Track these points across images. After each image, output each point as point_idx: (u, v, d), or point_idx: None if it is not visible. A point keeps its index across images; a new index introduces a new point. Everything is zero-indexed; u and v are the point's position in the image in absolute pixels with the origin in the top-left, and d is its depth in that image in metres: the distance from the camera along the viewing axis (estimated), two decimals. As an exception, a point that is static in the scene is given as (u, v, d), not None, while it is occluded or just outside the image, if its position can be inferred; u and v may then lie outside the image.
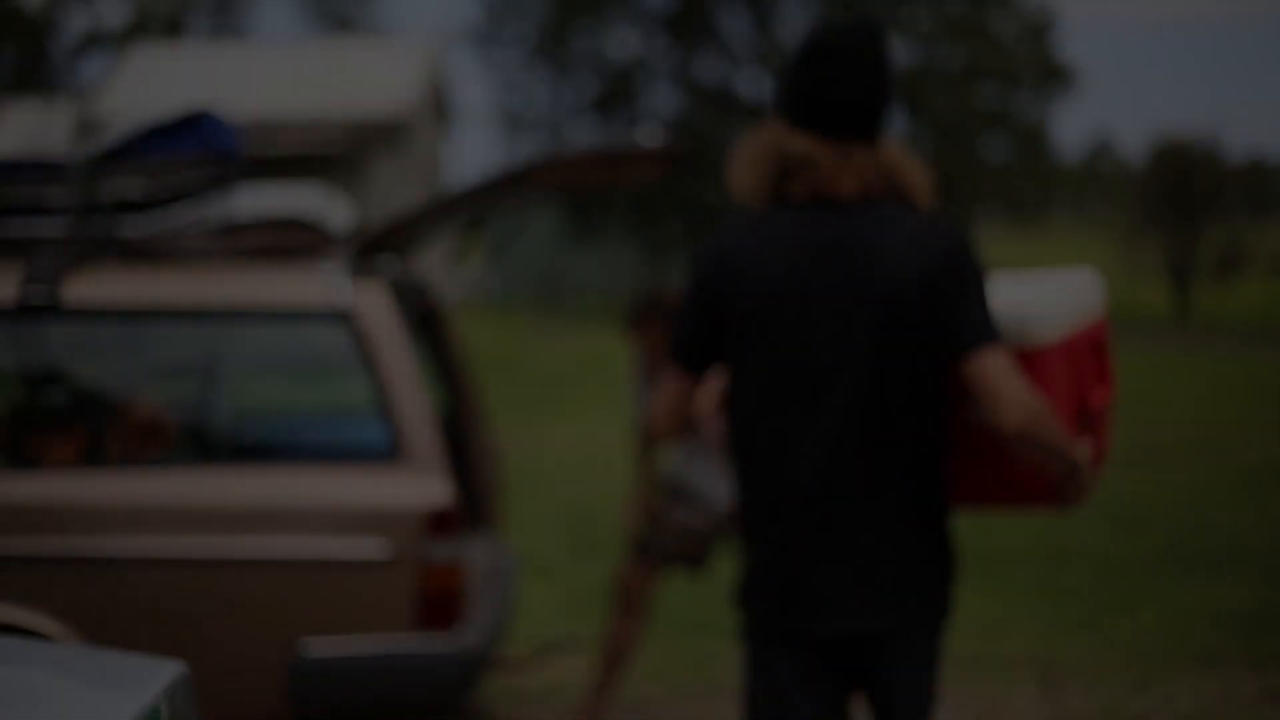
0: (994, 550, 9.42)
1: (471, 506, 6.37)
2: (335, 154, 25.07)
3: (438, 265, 24.80)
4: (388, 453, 5.05)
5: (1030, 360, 3.51)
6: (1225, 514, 10.59)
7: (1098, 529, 10.12)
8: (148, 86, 26.06)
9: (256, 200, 5.60)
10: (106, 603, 4.93)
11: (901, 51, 44.08)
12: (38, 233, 5.60)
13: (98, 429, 5.62)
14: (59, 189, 5.57)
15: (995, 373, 3.38)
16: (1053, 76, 42.60)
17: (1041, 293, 3.67)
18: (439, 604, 4.95)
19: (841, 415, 3.51)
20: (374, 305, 5.12)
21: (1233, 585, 8.54)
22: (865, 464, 3.53)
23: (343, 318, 5.14)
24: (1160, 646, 7.32)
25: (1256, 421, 15.85)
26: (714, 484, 6.08)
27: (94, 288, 5.23)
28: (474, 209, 5.82)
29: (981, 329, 3.43)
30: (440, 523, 4.93)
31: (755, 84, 45.98)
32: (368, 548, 4.91)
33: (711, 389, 3.81)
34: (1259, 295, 40.68)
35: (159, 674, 3.04)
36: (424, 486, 4.97)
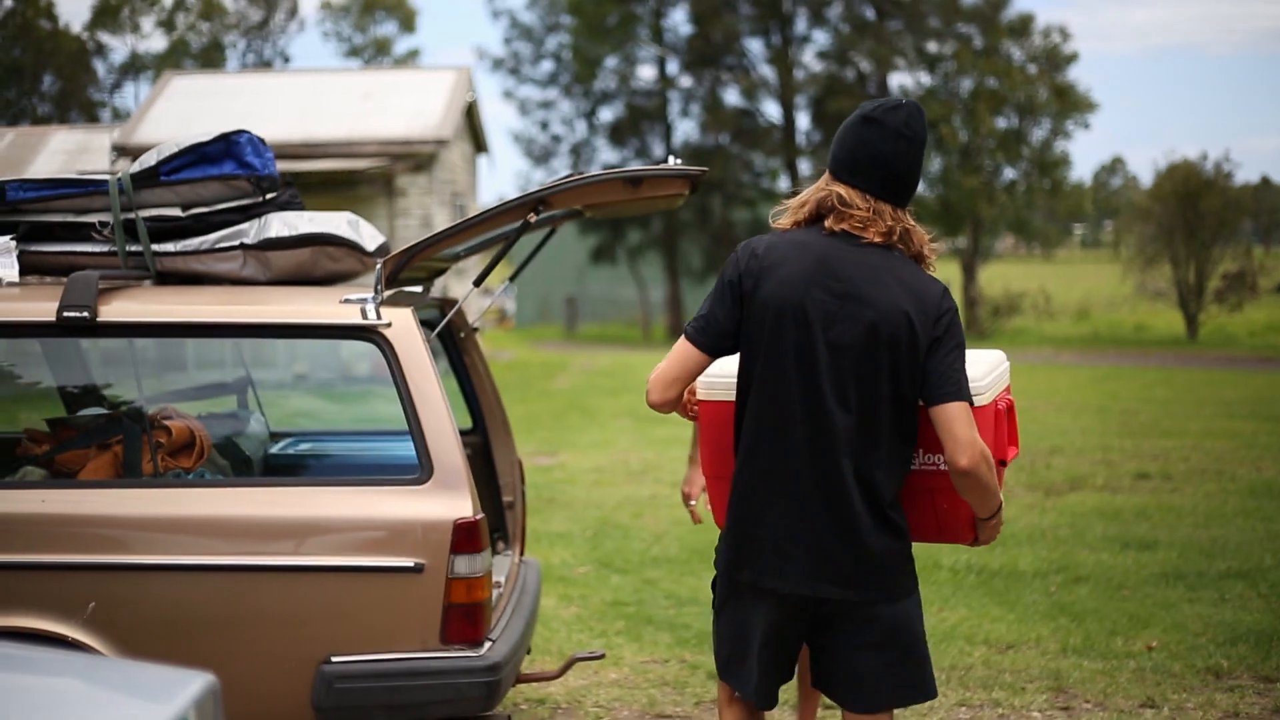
0: (1006, 570, 9.50)
1: (496, 521, 6.46)
2: (368, 177, 25.15)
3: (463, 286, 24.84)
4: (414, 469, 5.11)
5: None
6: (1234, 533, 10.65)
7: (1108, 548, 10.18)
8: (184, 113, 26.17)
9: (291, 220, 5.67)
10: (141, 614, 5.01)
11: (917, 78, 44.21)
12: (78, 251, 5.72)
13: (134, 444, 5.71)
14: (98, 209, 5.69)
15: (959, 421, 4.06)
16: (1071, 105, 42.43)
17: (975, 365, 4.37)
18: (464, 617, 5.00)
19: (830, 412, 4.11)
20: (401, 326, 5.19)
21: (1241, 603, 8.60)
22: (846, 456, 4.12)
23: (371, 339, 5.22)
24: (1169, 664, 7.39)
25: (1264, 441, 15.90)
26: None
27: (132, 306, 5.34)
28: (498, 231, 5.90)
29: (956, 385, 4.09)
30: (465, 537, 4.98)
31: (776, 109, 46.10)
32: (394, 562, 4.97)
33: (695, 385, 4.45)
34: (1266, 317, 40.63)
35: (188, 684, 3.09)
36: (449, 502, 5.02)
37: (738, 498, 4.26)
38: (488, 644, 5.10)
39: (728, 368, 4.49)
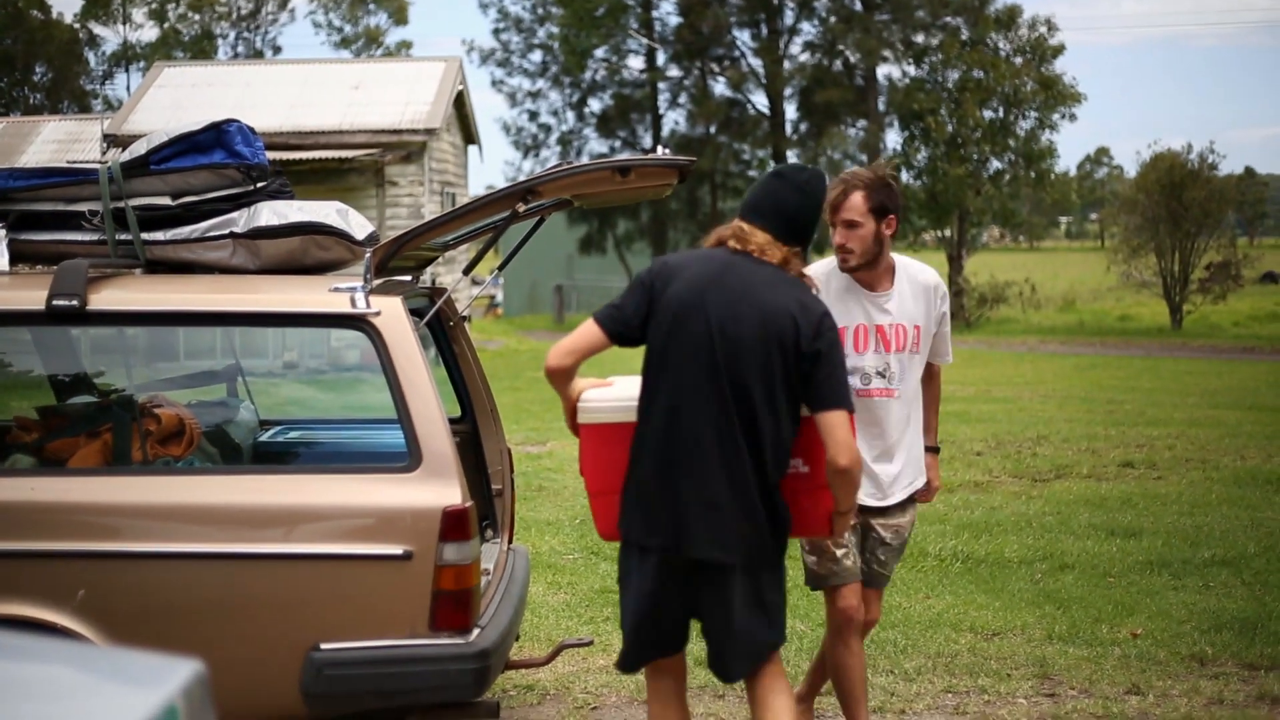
0: (992, 558, 9.54)
1: (484, 508, 6.47)
2: (357, 166, 25.15)
3: (453, 275, 24.84)
4: (403, 457, 5.12)
5: None
6: (1218, 521, 10.70)
7: (1093, 536, 10.23)
8: (175, 103, 26.17)
9: (280, 209, 5.68)
10: (130, 602, 5.02)
11: (904, 69, 44.26)
12: (67, 240, 5.74)
13: (124, 432, 5.72)
14: (88, 198, 5.70)
15: (842, 427, 4.76)
16: (1057, 97, 42.39)
17: None
18: (452, 604, 5.02)
19: (727, 398, 4.73)
20: (390, 315, 5.20)
21: (1225, 591, 8.66)
22: (742, 436, 4.74)
23: (359, 328, 5.23)
24: (1154, 651, 7.44)
25: (1248, 430, 15.96)
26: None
27: (121, 295, 5.36)
28: (487, 221, 5.92)
29: (841, 395, 4.79)
30: (454, 524, 5.00)
31: (764, 100, 46.16)
32: (383, 549, 4.99)
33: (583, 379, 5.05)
34: (1250, 307, 40.74)
35: (176, 672, 3.07)
36: (438, 489, 5.03)
37: (644, 472, 4.84)
38: (476, 631, 5.11)
39: (606, 394, 5.10)
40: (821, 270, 5.79)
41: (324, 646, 5.00)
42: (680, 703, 5.18)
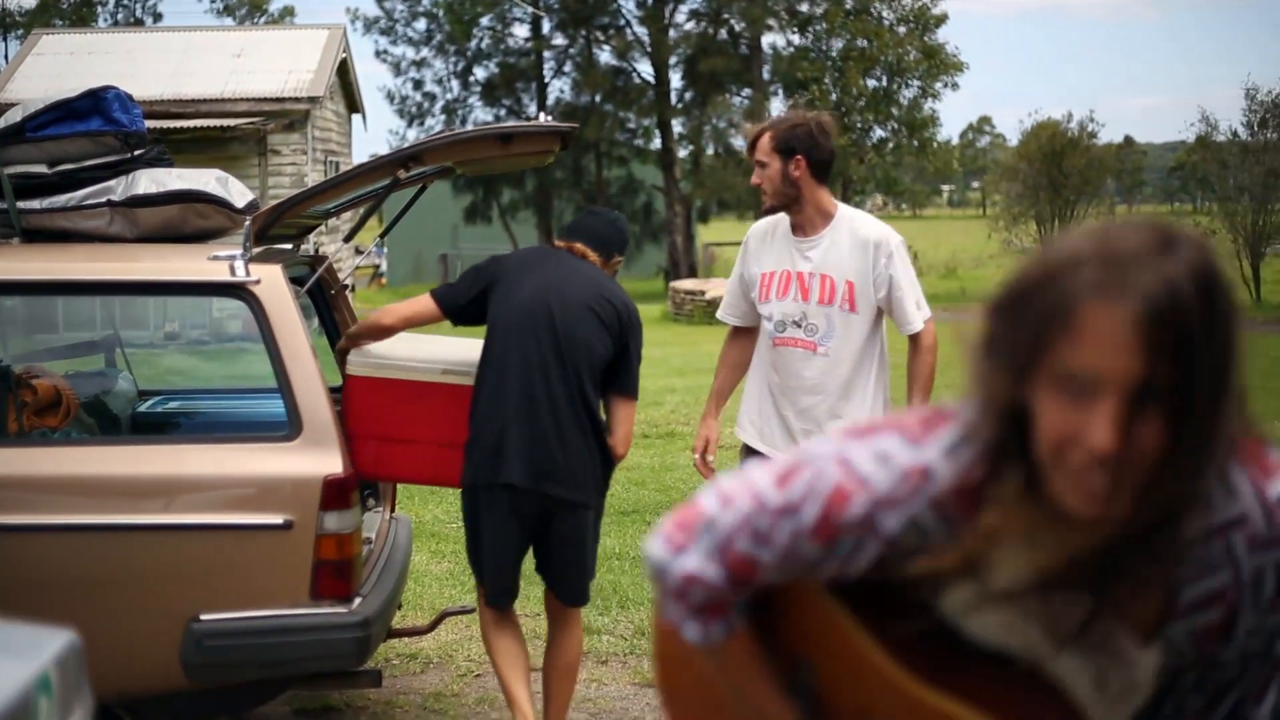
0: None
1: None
2: (239, 135, 24.85)
3: (334, 244, 24.68)
4: (283, 426, 5.11)
5: None
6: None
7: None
8: (54, 71, 25.71)
9: (159, 177, 5.63)
10: (5, 574, 4.96)
11: (788, 38, 44.44)
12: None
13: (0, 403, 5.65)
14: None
15: (629, 420, 5.53)
16: (939, 66, 42.72)
17: None
18: (333, 573, 5.00)
19: (564, 359, 5.33)
20: (270, 283, 5.16)
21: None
22: (563, 391, 5.31)
23: (239, 296, 5.19)
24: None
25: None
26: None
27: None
28: (369, 188, 5.91)
29: (634, 386, 5.52)
30: (335, 493, 4.99)
31: (649, 69, 46.18)
32: (263, 519, 4.97)
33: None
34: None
35: (49, 642, 3.05)
36: (319, 458, 5.02)
37: (492, 421, 5.31)
38: (357, 600, 5.10)
39: (378, 349, 5.52)
40: (771, 218, 5.73)
41: (204, 617, 4.98)
42: (516, 625, 5.66)
